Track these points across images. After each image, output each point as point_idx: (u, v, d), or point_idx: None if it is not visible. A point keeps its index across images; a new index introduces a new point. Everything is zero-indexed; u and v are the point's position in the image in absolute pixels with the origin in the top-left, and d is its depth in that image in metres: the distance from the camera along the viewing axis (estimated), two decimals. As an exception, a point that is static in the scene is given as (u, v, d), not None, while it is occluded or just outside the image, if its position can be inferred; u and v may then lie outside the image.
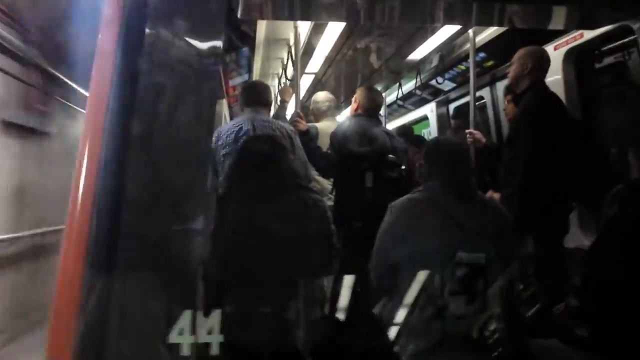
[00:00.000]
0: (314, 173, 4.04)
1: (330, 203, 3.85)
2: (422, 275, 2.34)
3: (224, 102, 6.82)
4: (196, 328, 1.30)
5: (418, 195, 2.68)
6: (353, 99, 4.29)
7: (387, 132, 4.18)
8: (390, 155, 3.91)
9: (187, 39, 1.71)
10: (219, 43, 1.87)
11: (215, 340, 1.33)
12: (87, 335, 1.19)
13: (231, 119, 6.49)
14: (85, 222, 1.23)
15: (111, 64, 1.37)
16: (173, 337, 1.29)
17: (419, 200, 2.66)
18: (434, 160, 2.74)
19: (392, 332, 2.38)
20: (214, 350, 1.31)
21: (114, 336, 1.22)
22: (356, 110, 4.21)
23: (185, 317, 1.29)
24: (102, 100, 1.33)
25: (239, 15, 2.49)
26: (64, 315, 1.18)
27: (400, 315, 2.37)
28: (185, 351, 1.29)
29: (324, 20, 4.41)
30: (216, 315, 1.35)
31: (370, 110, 4.17)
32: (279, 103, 5.01)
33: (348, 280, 2.38)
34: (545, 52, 3.69)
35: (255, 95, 3.80)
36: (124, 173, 1.32)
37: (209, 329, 1.33)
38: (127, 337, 1.26)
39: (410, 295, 2.34)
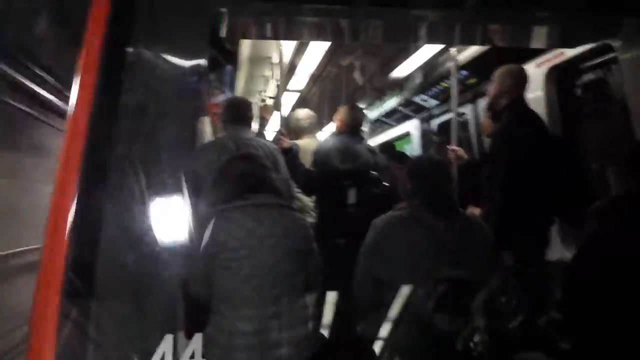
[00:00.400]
0: (296, 190, 4.03)
1: (312, 220, 3.84)
2: (405, 292, 2.34)
3: (206, 119, 6.79)
4: (178, 352, 1.28)
5: (401, 212, 2.69)
6: (335, 117, 4.30)
7: (370, 149, 4.19)
8: (373, 172, 3.92)
9: (171, 57, 1.71)
10: (202, 61, 1.87)
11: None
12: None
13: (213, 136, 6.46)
14: (61, 247, 1.20)
15: (93, 81, 1.36)
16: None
17: (401, 217, 2.66)
18: (417, 177, 2.75)
19: (377, 348, 2.37)
20: None
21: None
22: (339, 128, 4.22)
23: (167, 341, 1.27)
24: (83, 118, 1.32)
25: (222, 35, 2.49)
26: (41, 343, 1.15)
27: (385, 331, 2.37)
28: None
29: (307, 39, 4.43)
30: (198, 338, 1.33)
31: (353, 128, 4.19)
32: (259, 121, 5.00)
33: (331, 297, 2.37)
34: (523, 69, 3.73)
35: (237, 113, 3.78)
36: (104, 193, 1.31)
37: (192, 352, 1.31)
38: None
39: (394, 312, 2.33)
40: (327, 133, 7.19)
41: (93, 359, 1.19)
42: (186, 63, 1.82)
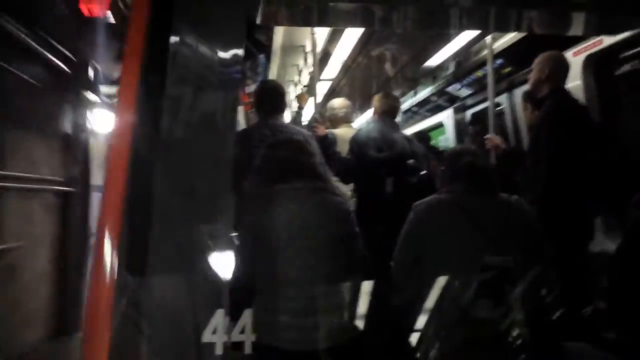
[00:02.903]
0: (333, 179, 4.05)
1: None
2: (444, 276, 2.34)
3: (241, 109, 6.87)
4: (228, 327, 1.32)
5: (442, 196, 2.69)
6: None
7: (406, 137, 4.19)
8: (410, 160, 3.91)
9: (210, 47, 1.74)
10: (240, 51, 1.90)
11: (247, 339, 1.34)
12: (121, 338, 1.20)
13: (247, 125, 6.52)
14: (116, 227, 1.24)
15: (138, 72, 1.40)
16: (206, 337, 1.30)
17: (443, 201, 2.66)
18: (457, 164, 2.74)
19: (414, 336, 2.37)
20: (247, 349, 1.33)
21: (148, 338, 1.24)
22: (375, 115, 4.23)
23: (218, 316, 1.31)
24: (129, 106, 1.36)
25: (258, 22, 2.51)
26: (98, 319, 1.20)
27: (422, 318, 2.37)
28: (219, 350, 1.30)
29: (340, 26, 4.43)
30: (247, 315, 1.36)
31: (389, 115, 4.19)
32: (295, 109, 5.02)
33: (371, 285, 2.39)
34: (564, 57, 3.68)
35: (271, 100, 3.80)
36: (153, 178, 1.34)
37: (242, 327, 1.35)
38: (161, 338, 1.28)
39: (433, 297, 2.34)
40: (359, 123, 7.22)
41: (148, 333, 1.23)
42: (224, 53, 1.84)
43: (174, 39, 1.49)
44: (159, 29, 1.46)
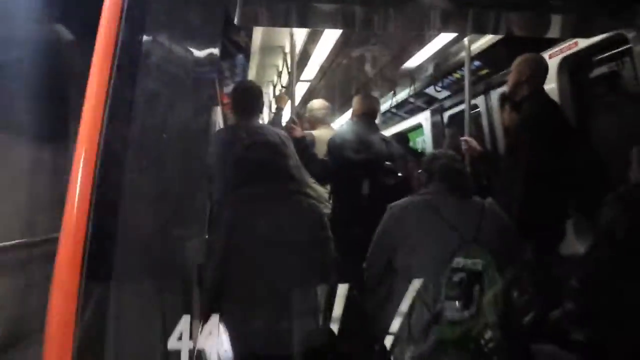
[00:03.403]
0: (311, 180, 4.03)
1: (327, 210, 3.84)
2: (417, 278, 2.34)
3: (218, 109, 6.81)
4: (194, 332, 1.29)
5: (417, 198, 2.70)
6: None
7: (384, 139, 4.18)
8: (388, 162, 3.91)
9: (185, 46, 1.71)
10: (215, 50, 1.87)
11: (213, 345, 1.32)
12: (85, 345, 1.17)
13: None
14: (80, 230, 1.21)
15: (108, 69, 1.37)
16: (172, 343, 1.27)
17: (417, 203, 2.67)
18: (432, 166, 2.76)
19: (389, 337, 2.37)
20: (212, 356, 1.30)
21: (113, 345, 1.20)
22: (353, 117, 4.22)
23: (184, 322, 1.28)
24: (99, 105, 1.32)
25: (235, 22, 2.49)
26: (60, 326, 1.16)
27: (396, 321, 2.37)
28: (185, 357, 1.27)
29: (320, 27, 4.41)
30: (214, 320, 1.34)
31: (368, 117, 4.18)
32: (274, 110, 5.00)
33: (344, 288, 2.38)
34: (543, 59, 3.70)
35: (247, 102, 3.76)
36: (120, 179, 1.31)
37: (208, 332, 1.32)
38: (126, 344, 1.25)
39: (405, 300, 2.33)
40: (338, 124, 7.20)
41: (112, 340, 1.20)
42: (200, 52, 1.82)
43: (147, 37, 1.46)
44: (132, 27, 1.43)
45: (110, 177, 1.29)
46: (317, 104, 4.88)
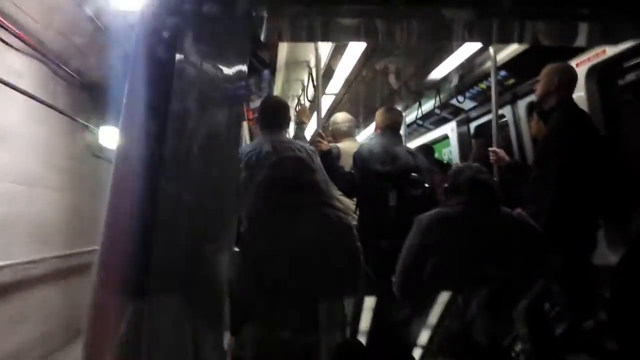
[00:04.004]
0: (337, 193, 4.04)
1: (354, 222, 3.85)
2: (446, 290, 2.33)
3: (245, 125, 6.88)
4: (227, 347, 1.31)
5: (446, 209, 2.70)
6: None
7: (410, 151, 4.19)
8: (413, 174, 3.91)
9: (215, 64, 1.75)
10: (244, 67, 1.90)
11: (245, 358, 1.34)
12: (122, 357, 1.19)
13: (251, 141, 6.52)
14: (118, 246, 1.24)
15: (143, 90, 1.40)
16: (205, 357, 1.29)
17: (446, 214, 2.67)
18: (460, 178, 2.75)
19: (419, 349, 2.36)
20: None
21: (148, 357, 1.22)
22: (378, 130, 4.24)
23: (217, 336, 1.30)
24: (134, 123, 1.36)
25: (262, 39, 2.52)
26: (98, 338, 1.19)
27: (426, 332, 2.36)
28: None
29: (343, 41, 4.45)
30: (246, 334, 1.36)
31: (392, 129, 4.19)
32: (297, 124, 5.02)
33: (373, 301, 2.38)
34: (572, 68, 3.67)
35: (273, 116, 3.80)
36: (156, 196, 1.34)
37: (240, 347, 1.34)
38: (161, 358, 1.27)
39: (435, 313, 2.32)
40: (362, 137, 7.20)
41: (148, 353, 1.22)
42: (229, 69, 1.85)
43: (178, 56, 1.49)
44: (163, 47, 1.47)
45: (146, 195, 1.32)
46: (341, 117, 4.91)
